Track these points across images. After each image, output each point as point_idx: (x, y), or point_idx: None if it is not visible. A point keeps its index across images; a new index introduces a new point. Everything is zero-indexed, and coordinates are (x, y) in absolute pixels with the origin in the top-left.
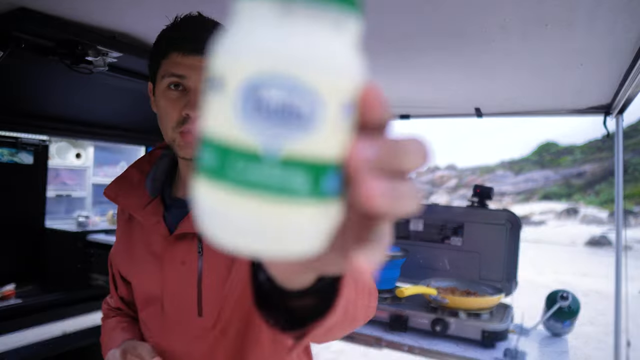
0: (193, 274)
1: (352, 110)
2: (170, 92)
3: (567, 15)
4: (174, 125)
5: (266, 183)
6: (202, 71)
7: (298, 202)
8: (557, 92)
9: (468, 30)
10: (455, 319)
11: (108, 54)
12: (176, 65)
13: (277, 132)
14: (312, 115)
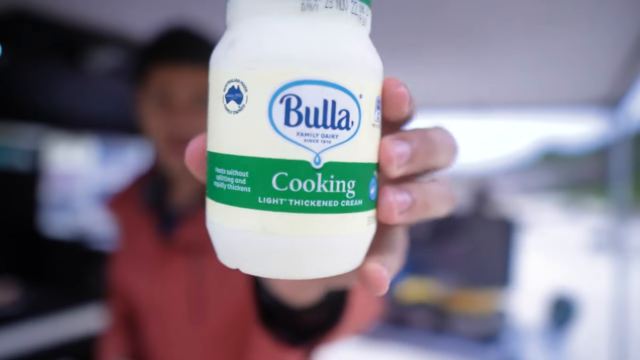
0: (192, 283)
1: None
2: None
3: (568, 12)
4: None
5: (317, 195)
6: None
7: (350, 213)
8: (558, 89)
9: (468, 27)
10: (455, 319)
11: (108, 54)
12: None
13: (320, 138)
14: (351, 117)
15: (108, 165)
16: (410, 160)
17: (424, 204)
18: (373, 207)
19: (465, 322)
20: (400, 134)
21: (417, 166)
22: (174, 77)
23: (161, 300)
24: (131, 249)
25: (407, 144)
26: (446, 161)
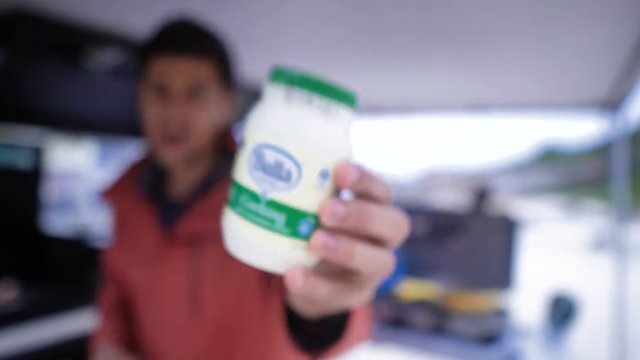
0: (191, 274)
1: (328, 177)
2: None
3: (568, 12)
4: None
5: (260, 216)
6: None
7: (278, 235)
8: (558, 90)
9: (468, 28)
10: (455, 319)
11: (108, 54)
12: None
13: (269, 183)
14: (292, 176)
15: (108, 164)
16: (343, 219)
17: (347, 255)
18: (302, 239)
19: (465, 322)
20: (342, 199)
21: (350, 226)
22: (171, 68)
23: (161, 290)
24: (129, 237)
25: (343, 207)
26: (387, 236)
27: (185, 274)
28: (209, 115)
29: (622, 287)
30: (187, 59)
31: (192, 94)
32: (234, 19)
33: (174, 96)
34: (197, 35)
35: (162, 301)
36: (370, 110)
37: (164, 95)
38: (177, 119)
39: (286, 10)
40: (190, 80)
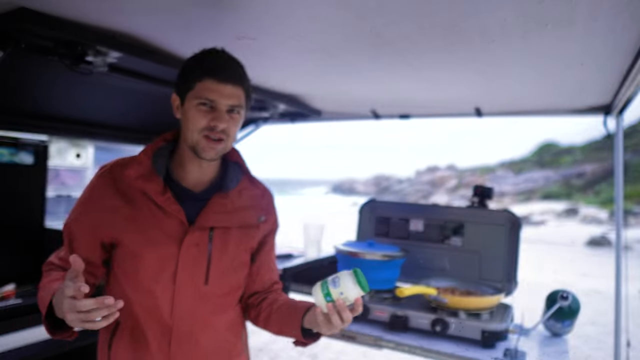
0: (204, 254)
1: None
2: (201, 107)
3: (567, 15)
4: (199, 130)
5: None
6: (228, 97)
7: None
8: (557, 92)
9: (468, 30)
10: (455, 319)
11: (108, 54)
12: (209, 91)
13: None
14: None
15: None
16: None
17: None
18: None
19: (465, 322)
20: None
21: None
22: (221, 90)
23: (185, 261)
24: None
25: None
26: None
27: (201, 253)
28: (237, 128)
29: (622, 287)
30: (231, 85)
31: (230, 112)
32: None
33: (221, 112)
34: (237, 66)
35: (180, 273)
36: (371, 112)
37: (212, 110)
38: (221, 125)
39: (290, 19)
40: (232, 101)
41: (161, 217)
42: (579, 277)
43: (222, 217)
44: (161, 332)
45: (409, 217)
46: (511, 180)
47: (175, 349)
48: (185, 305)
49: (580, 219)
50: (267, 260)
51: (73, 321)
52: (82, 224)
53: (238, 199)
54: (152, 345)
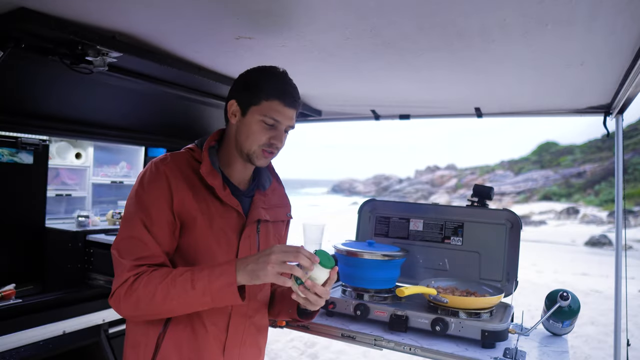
0: (254, 244)
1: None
2: (265, 124)
3: (567, 15)
4: (260, 144)
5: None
6: (289, 119)
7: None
8: (557, 92)
9: (468, 30)
10: (455, 319)
11: (108, 54)
12: (276, 112)
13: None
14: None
15: (109, 162)
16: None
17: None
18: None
19: (465, 322)
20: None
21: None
22: (286, 113)
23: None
24: (209, 209)
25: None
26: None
27: (252, 244)
28: None
29: (622, 287)
30: (293, 110)
31: (286, 130)
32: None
33: (281, 132)
34: (298, 93)
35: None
36: (371, 112)
37: (273, 127)
38: (277, 144)
39: (290, 19)
40: (291, 123)
41: (222, 210)
42: (579, 277)
43: (265, 211)
44: (221, 317)
45: (408, 217)
46: (511, 180)
47: (233, 330)
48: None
49: (580, 219)
50: None
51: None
52: (159, 211)
53: (272, 197)
54: (210, 329)
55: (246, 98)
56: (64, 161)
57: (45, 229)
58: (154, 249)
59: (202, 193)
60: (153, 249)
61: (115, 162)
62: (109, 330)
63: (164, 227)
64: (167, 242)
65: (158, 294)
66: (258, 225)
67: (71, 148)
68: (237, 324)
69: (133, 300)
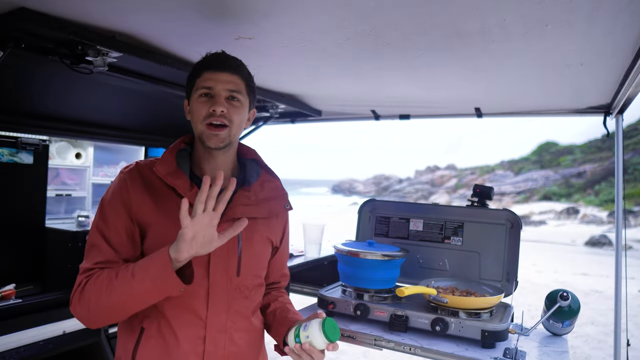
0: (234, 246)
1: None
2: (201, 98)
3: (567, 15)
4: (201, 119)
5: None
6: (224, 82)
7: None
8: (557, 92)
9: (468, 30)
10: (455, 319)
11: (108, 54)
12: (206, 80)
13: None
14: None
15: (109, 162)
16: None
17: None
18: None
19: (465, 322)
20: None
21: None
22: (216, 77)
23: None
24: (170, 212)
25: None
26: None
27: (232, 245)
28: (241, 116)
29: (622, 287)
30: (225, 72)
31: (231, 98)
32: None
33: (219, 97)
34: (233, 59)
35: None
36: (371, 112)
37: (211, 98)
38: (218, 109)
39: (290, 19)
40: (229, 86)
41: (172, 206)
42: (579, 277)
43: (248, 209)
44: (195, 330)
45: (408, 217)
46: (511, 180)
47: (210, 346)
48: (221, 299)
49: (580, 219)
50: (283, 252)
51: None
52: (114, 220)
53: (261, 191)
54: (183, 345)
55: (188, 89)
56: (64, 161)
57: (45, 229)
58: (108, 254)
59: (167, 197)
60: (108, 254)
61: (115, 162)
62: (108, 330)
63: (121, 233)
64: (125, 248)
65: (104, 290)
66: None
67: (71, 148)
68: (216, 340)
69: (85, 301)
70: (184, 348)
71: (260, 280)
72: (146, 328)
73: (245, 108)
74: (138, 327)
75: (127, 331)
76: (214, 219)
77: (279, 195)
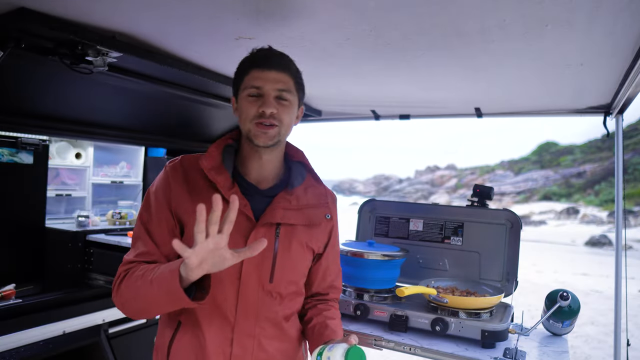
0: (270, 251)
1: None
2: (250, 97)
3: (567, 15)
4: (250, 118)
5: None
6: (273, 81)
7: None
8: (557, 92)
9: (468, 30)
10: (455, 319)
11: (108, 54)
12: (255, 79)
13: None
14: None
15: (109, 162)
16: None
17: None
18: None
19: (465, 322)
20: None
21: None
22: (265, 76)
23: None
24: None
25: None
26: None
27: (267, 250)
28: (290, 115)
29: (622, 287)
30: (274, 71)
31: (280, 97)
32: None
33: (268, 97)
34: (282, 56)
35: (245, 270)
36: (371, 112)
37: (260, 98)
38: (267, 110)
39: (290, 19)
40: (278, 86)
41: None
42: (579, 277)
43: (289, 213)
44: (222, 332)
45: (408, 217)
46: (511, 180)
47: (238, 349)
48: (250, 303)
49: (580, 219)
50: (328, 261)
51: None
52: (158, 215)
53: (304, 196)
54: (212, 344)
55: (235, 86)
56: (64, 161)
57: (45, 229)
58: (149, 246)
59: (207, 193)
60: (148, 246)
61: (115, 162)
62: (109, 330)
63: (162, 228)
64: (166, 243)
65: (132, 290)
66: (277, 229)
67: (71, 148)
68: (244, 344)
69: (119, 297)
70: (213, 347)
71: (297, 288)
72: (183, 322)
73: (294, 107)
74: (176, 320)
75: (166, 322)
76: (221, 241)
77: (321, 203)
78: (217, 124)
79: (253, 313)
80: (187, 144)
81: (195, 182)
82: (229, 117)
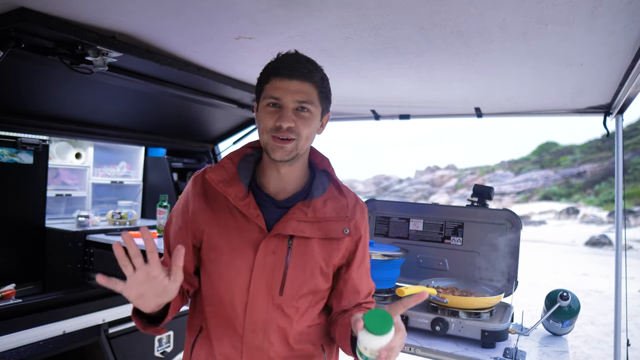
0: (281, 263)
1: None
2: (269, 107)
3: (567, 15)
4: (268, 130)
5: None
6: (293, 93)
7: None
8: (557, 92)
9: (468, 30)
10: (455, 319)
11: (108, 54)
12: (274, 89)
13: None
14: None
15: (109, 162)
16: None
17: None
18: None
19: (465, 322)
20: None
21: None
22: (285, 86)
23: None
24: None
25: None
26: None
27: (278, 261)
28: (310, 127)
29: (622, 287)
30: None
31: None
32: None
33: (287, 110)
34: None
35: (254, 281)
36: (371, 112)
37: (279, 109)
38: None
39: (290, 19)
40: (299, 97)
41: (242, 223)
42: (579, 277)
43: (302, 226)
44: (232, 344)
45: (408, 217)
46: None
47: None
48: (259, 316)
49: (580, 219)
50: (355, 277)
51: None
52: (175, 227)
53: (321, 209)
54: (222, 353)
55: (257, 93)
56: (64, 161)
57: (45, 229)
58: (165, 256)
59: (222, 206)
60: (165, 256)
61: (115, 162)
62: (108, 330)
63: (177, 237)
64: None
65: None
66: (290, 241)
67: (71, 148)
68: (253, 357)
69: None
70: (223, 358)
71: (310, 303)
72: (204, 328)
73: (315, 118)
74: (198, 325)
75: (191, 326)
76: (152, 270)
77: (341, 217)
78: (217, 124)
79: (261, 326)
80: (187, 144)
81: (214, 193)
82: (229, 117)
